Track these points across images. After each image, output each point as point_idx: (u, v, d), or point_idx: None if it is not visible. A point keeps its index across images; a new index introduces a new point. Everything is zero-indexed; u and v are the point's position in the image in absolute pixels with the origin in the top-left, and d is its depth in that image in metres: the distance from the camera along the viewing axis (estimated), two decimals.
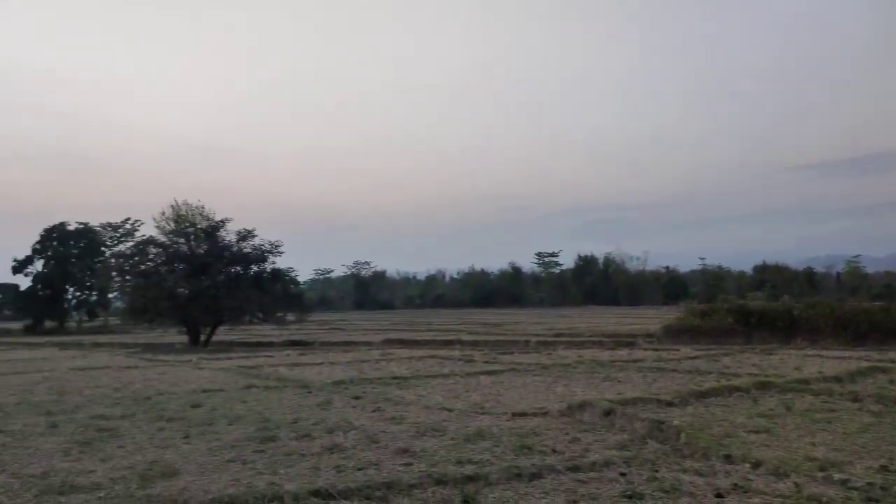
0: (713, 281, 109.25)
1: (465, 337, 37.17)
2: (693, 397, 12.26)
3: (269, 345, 35.72)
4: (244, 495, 6.57)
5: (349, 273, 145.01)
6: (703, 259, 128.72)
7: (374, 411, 12.00)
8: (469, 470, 7.47)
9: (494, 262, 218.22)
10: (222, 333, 40.27)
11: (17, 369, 22.94)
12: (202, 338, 37.18)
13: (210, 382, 17.19)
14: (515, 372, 18.34)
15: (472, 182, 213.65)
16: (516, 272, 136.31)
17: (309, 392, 14.90)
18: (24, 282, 71.13)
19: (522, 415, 11.29)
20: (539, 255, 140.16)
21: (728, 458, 7.75)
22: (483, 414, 11.54)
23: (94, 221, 73.19)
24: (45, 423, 11.44)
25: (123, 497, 6.65)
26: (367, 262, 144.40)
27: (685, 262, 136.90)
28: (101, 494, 6.84)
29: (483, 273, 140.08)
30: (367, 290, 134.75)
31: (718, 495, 6.51)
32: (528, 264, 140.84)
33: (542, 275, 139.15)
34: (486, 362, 21.35)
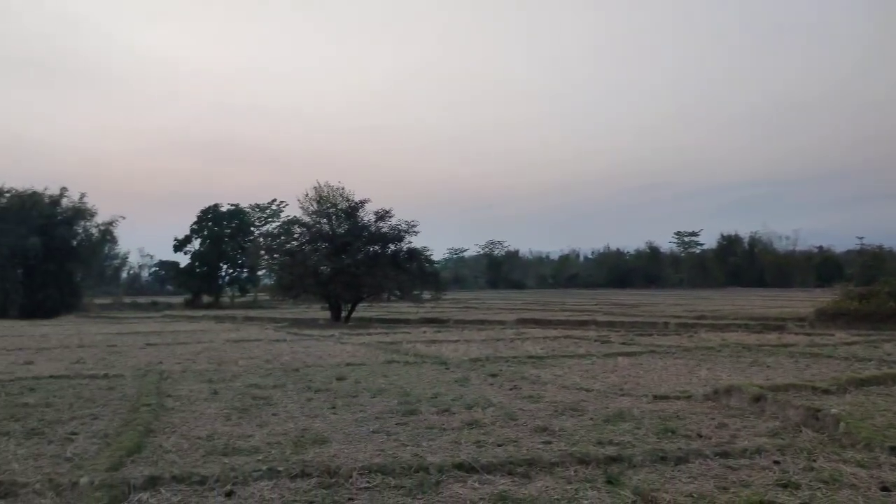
0: (872, 262, 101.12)
1: (600, 318, 36.53)
2: (852, 385, 11.45)
3: (406, 322, 36.69)
4: (391, 465, 6.80)
5: (482, 252, 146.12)
6: (861, 238, 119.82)
7: (510, 389, 12.06)
8: (611, 451, 7.35)
9: (630, 241, 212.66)
10: (362, 310, 41.77)
11: (180, 340, 24.90)
12: (343, 314, 38.75)
13: (352, 357, 17.92)
14: (655, 354, 17.86)
15: (608, 159, 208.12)
16: (654, 252, 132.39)
17: (447, 368, 15.21)
18: (183, 259, 77.08)
19: (664, 398, 10.98)
20: (678, 234, 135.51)
21: (894, 451, 7.19)
22: (622, 395, 11.32)
23: (244, 203, 77.91)
24: (208, 389, 12.35)
25: (279, 461, 7.04)
26: (499, 242, 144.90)
27: (840, 242, 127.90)
28: (260, 457, 7.28)
29: (618, 253, 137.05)
30: (500, 270, 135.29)
31: (884, 489, 6.06)
32: (666, 244, 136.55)
33: (682, 255, 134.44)
34: (624, 343, 20.94)
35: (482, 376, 13.78)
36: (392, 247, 39.04)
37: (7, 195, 55.36)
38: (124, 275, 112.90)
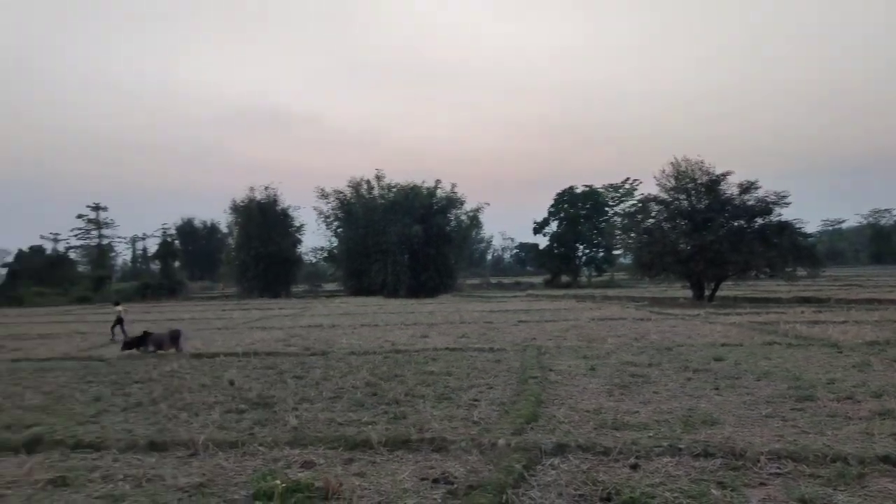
0: None
1: None
2: None
3: (777, 301, 33.98)
4: (801, 452, 6.38)
5: (865, 223, 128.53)
6: None
7: None
8: None
9: None
10: (725, 288, 39.70)
11: (546, 318, 26.24)
12: (706, 293, 37.22)
13: (724, 337, 17.13)
14: None
15: None
16: None
17: (839, 352, 13.75)
18: (542, 241, 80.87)
19: None
20: None
21: None
22: None
23: (598, 183, 78.95)
24: (584, 365, 12.83)
25: (671, 438, 7.04)
26: (887, 210, 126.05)
27: None
28: (651, 434, 7.36)
29: None
30: (888, 242, 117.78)
31: None
32: None
33: None
34: None
35: (886, 362, 12.19)
36: (759, 220, 36.32)
37: (394, 190, 63.61)
38: (489, 257, 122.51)
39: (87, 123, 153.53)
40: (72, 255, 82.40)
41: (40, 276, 68.28)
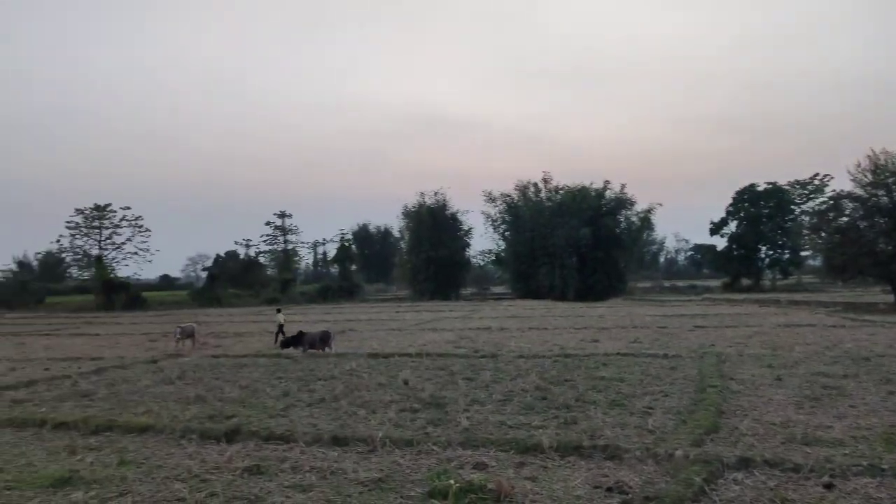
0: None
1: None
2: None
3: None
4: None
5: None
6: None
7: None
8: None
9: None
10: None
11: (726, 323, 24.90)
12: None
13: None
14: None
15: None
16: None
17: None
18: (719, 242, 76.75)
19: None
20: None
21: None
22: None
23: (782, 180, 73.75)
24: (770, 375, 12.03)
25: (871, 457, 6.43)
26: None
27: None
28: (847, 451, 6.77)
29: None
30: None
31: None
32: None
33: None
34: None
35: None
36: None
37: (562, 192, 63.12)
38: (662, 259, 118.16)
39: (276, 137, 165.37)
40: (261, 259, 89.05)
41: (235, 278, 74.43)
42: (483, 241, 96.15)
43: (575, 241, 58.16)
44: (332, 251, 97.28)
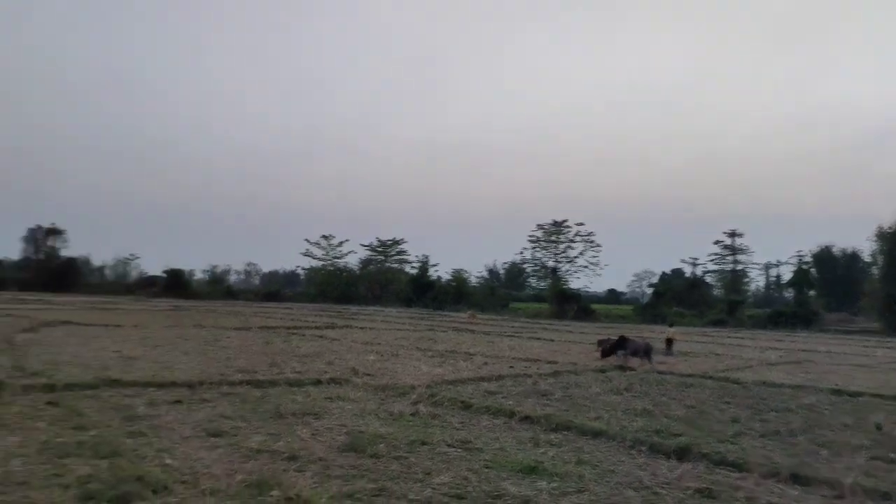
0: None
1: None
2: None
3: None
4: None
5: None
6: None
7: None
8: None
9: None
10: None
11: None
12: None
13: None
14: None
15: None
16: None
17: None
18: None
19: None
20: None
21: None
22: None
23: None
24: None
25: None
26: None
27: None
28: None
29: None
30: None
31: None
32: None
33: None
34: None
35: None
36: None
37: None
38: None
39: (747, 150, 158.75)
40: (708, 278, 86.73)
41: (680, 297, 73.90)
42: None
43: None
44: (786, 274, 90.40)
